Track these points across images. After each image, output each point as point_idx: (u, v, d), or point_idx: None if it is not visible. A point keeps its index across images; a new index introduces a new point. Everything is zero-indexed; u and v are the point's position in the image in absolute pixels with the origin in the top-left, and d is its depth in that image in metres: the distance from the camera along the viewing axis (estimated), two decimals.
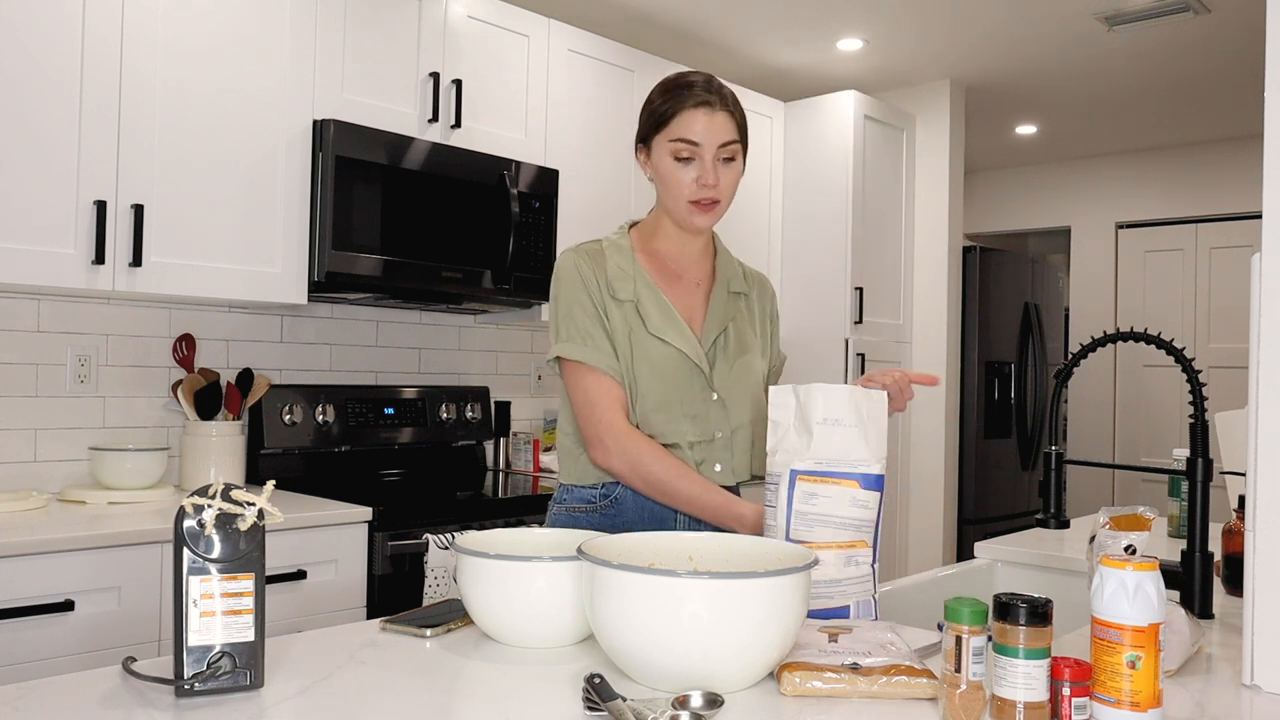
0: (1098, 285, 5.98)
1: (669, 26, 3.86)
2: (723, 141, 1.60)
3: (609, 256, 1.68)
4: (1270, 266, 1.15)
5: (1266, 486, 1.14)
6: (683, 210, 1.63)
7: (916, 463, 4.55)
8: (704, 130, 1.59)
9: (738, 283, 1.76)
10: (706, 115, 1.60)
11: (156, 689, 1.04)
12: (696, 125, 1.59)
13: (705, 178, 1.60)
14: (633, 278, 1.66)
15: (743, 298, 1.76)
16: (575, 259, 1.67)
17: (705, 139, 1.59)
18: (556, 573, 1.19)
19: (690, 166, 1.61)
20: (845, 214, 4.13)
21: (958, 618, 0.98)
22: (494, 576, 1.21)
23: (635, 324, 1.64)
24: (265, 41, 2.59)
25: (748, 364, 1.70)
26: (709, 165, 1.60)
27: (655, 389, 1.62)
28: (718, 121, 1.60)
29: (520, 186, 3.04)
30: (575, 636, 1.23)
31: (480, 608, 1.23)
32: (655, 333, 1.63)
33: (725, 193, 1.63)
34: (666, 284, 1.70)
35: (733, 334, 1.71)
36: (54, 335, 2.55)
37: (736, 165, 1.64)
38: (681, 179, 1.61)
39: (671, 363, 1.63)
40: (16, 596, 1.94)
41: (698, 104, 1.60)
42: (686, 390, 1.63)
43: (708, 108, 1.60)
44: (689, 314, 1.69)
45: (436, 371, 3.37)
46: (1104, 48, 4.11)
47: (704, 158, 1.60)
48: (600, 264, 1.66)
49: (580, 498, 1.68)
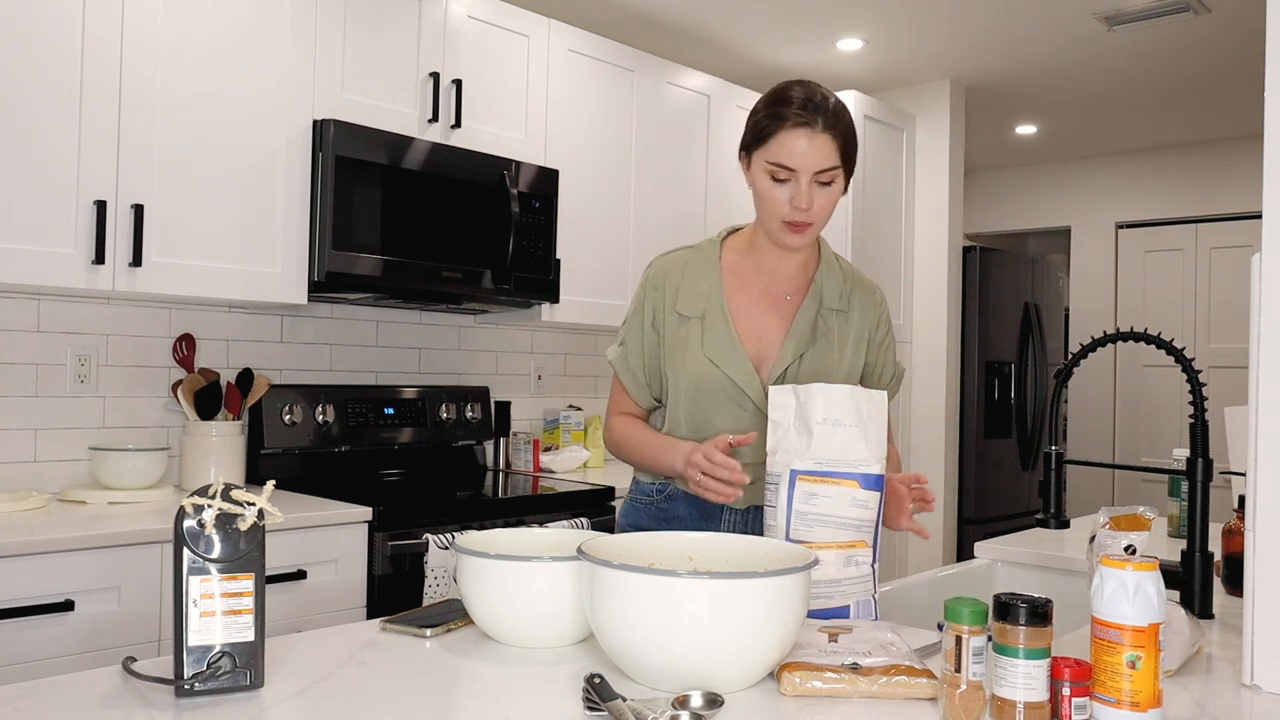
0: (1098, 285, 5.98)
1: (669, 26, 3.86)
2: (821, 168, 1.54)
3: (689, 269, 1.69)
4: (1270, 266, 1.15)
5: (1266, 486, 1.14)
6: (775, 228, 1.60)
7: (916, 463, 4.55)
8: (801, 155, 1.53)
9: (835, 299, 1.69)
10: (806, 138, 1.53)
11: (156, 689, 1.04)
12: (795, 149, 1.53)
13: (799, 200, 1.55)
14: (705, 295, 1.66)
15: (837, 315, 1.69)
16: (651, 274, 1.72)
17: (802, 165, 1.53)
18: (556, 573, 1.19)
19: (785, 187, 1.56)
20: (845, 214, 4.13)
21: (958, 618, 0.98)
22: (494, 576, 1.21)
23: (694, 342, 1.65)
24: (265, 41, 2.59)
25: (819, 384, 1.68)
26: (804, 189, 1.54)
27: (702, 407, 1.64)
28: (817, 145, 1.53)
29: (520, 186, 3.04)
30: (575, 636, 1.23)
31: (480, 608, 1.23)
32: (708, 354, 1.64)
33: (820, 215, 1.58)
34: (747, 300, 1.68)
35: (809, 359, 1.65)
36: (54, 335, 2.55)
37: (835, 188, 1.58)
38: (776, 198, 1.57)
39: (719, 385, 1.63)
40: (16, 596, 1.94)
41: (797, 124, 1.53)
42: (736, 411, 1.64)
43: (808, 130, 1.53)
44: (762, 333, 1.66)
45: (436, 371, 3.37)
46: (1104, 48, 4.11)
47: (800, 181, 1.55)
48: (674, 279, 1.68)
49: (642, 490, 1.76)
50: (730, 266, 1.70)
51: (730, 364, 1.63)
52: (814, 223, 1.58)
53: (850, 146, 1.58)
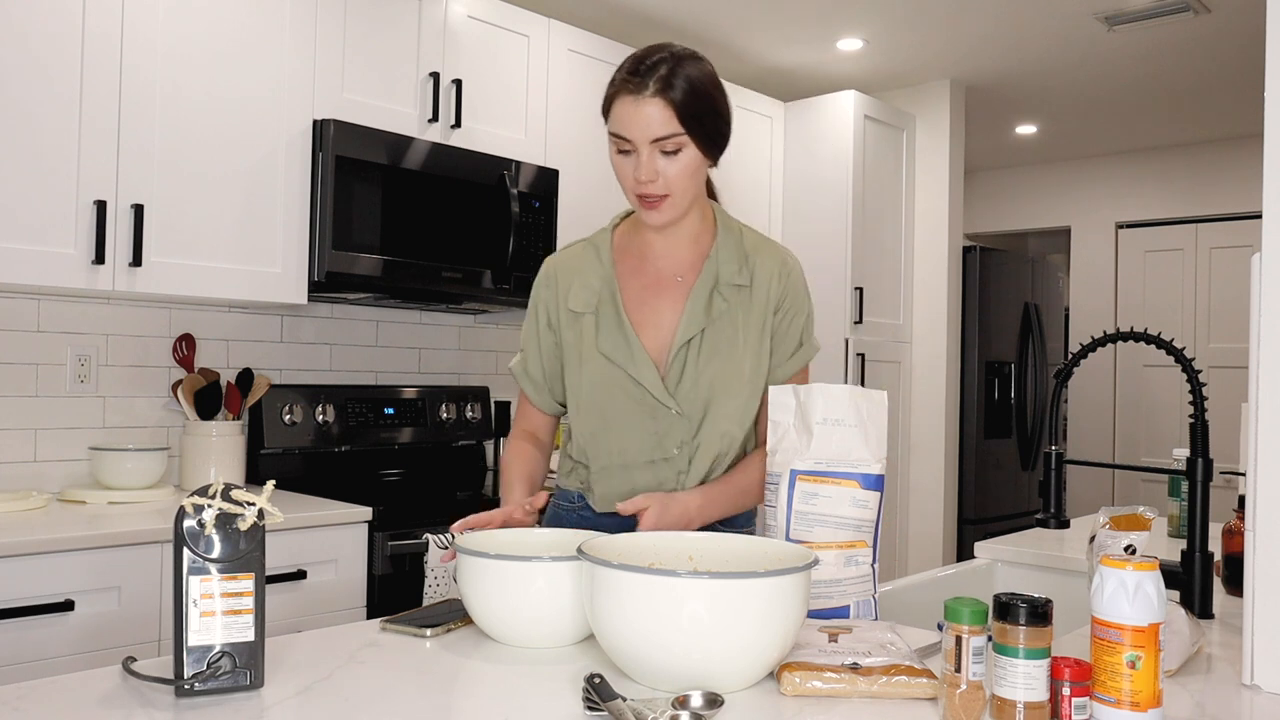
0: (1098, 285, 5.98)
1: (669, 26, 3.86)
2: (653, 137, 1.42)
3: (581, 263, 1.60)
4: (1270, 266, 1.15)
5: (1266, 486, 1.14)
6: (634, 205, 1.51)
7: (916, 463, 4.55)
8: (631, 123, 1.42)
9: (733, 273, 1.55)
10: (634, 105, 1.42)
11: (156, 689, 1.04)
12: (624, 116, 1.43)
13: (640, 171, 1.44)
14: (596, 289, 1.57)
15: (738, 290, 1.56)
16: (541, 275, 1.64)
17: (635, 133, 1.43)
18: (556, 573, 1.19)
19: (629, 159, 1.46)
20: (845, 214, 4.13)
21: (958, 618, 0.98)
22: (494, 576, 1.21)
23: (588, 339, 1.56)
24: (265, 41, 2.59)
25: (719, 370, 1.53)
26: (644, 160, 1.43)
27: (603, 408, 1.55)
28: (647, 112, 1.41)
29: (520, 186, 3.04)
30: (575, 636, 1.23)
31: (480, 607, 1.23)
32: (603, 351, 1.54)
33: (676, 186, 1.45)
34: (641, 285, 1.58)
35: (706, 341, 1.54)
36: (54, 335, 2.55)
37: (685, 157, 1.44)
38: (623, 173, 1.47)
39: (619, 383, 1.54)
40: (16, 596, 1.94)
41: (624, 91, 1.43)
42: (637, 408, 1.54)
43: (634, 96, 1.41)
44: (656, 320, 1.56)
45: (436, 371, 3.37)
46: (1104, 48, 4.11)
47: (639, 151, 1.44)
48: (565, 277, 1.60)
49: (565, 496, 1.69)
50: (622, 254, 1.60)
51: (628, 360, 1.53)
52: (670, 194, 1.46)
53: (695, 110, 1.43)
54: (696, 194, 1.52)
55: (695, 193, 1.51)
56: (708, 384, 1.53)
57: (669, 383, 1.54)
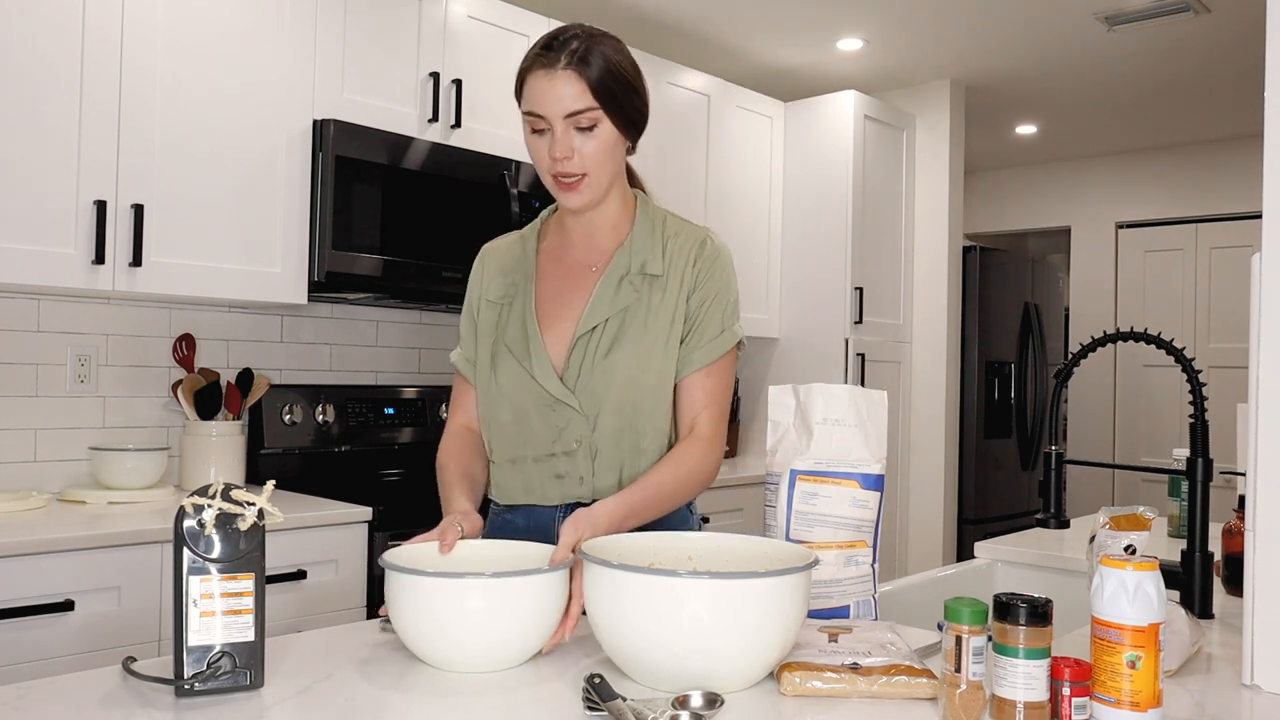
0: (1098, 285, 5.98)
1: (669, 26, 3.86)
2: (567, 111, 1.38)
3: (508, 252, 1.59)
4: (1270, 266, 1.15)
5: (1266, 486, 1.14)
6: (551, 188, 1.46)
7: (916, 463, 4.55)
8: (542, 98, 1.39)
9: (646, 262, 1.50)
10: (546, 80, 1.38)
11: (156, 689, 1.04)
12: (536, 92, 1.39)
13: (555, 149, 1.40)
14: (515, 278, 1.55)
15: (650, 280, 1.50)
16: (476, 263, 1.62)
17: (547, 108, 1.39)
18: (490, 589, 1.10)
19: (545, 138, 1.42)
20: (845, 214, 4.13)
21: (958, 618, 0.98)
22: (421, 595, 1.11)
23: (500, 330, 1.54)
24: (265, 41, 2.59)
25: (617, 362, 1.46)
26: (559, 136, 1.39)
27: (502, 399, 1.52)
28: (559, 85, 1.38)
29: (520, 186, 3.04)
30: (513, 660, 1.14)
31: (411, 631, 1.13)
32: (506, 342, 1.52)
33: (592, 165, 1.42)
34: (555, 277, 1.54)
35: (608, 333, 1.47)
36: (54, 335, 2.55)
37: (601, 134, 1.41)
38: (539, 155, 1.43)
39: (515, 375, 1.50)
40: (16, 596, 1.94)
41: (536, 67, 1.40)
42: (536, 402, 1.48)
43: (546, 71, 1.38)
44: (565, 313, 1.51)
45: (436, 371, 3.37)
46: (1104, 48, 4.11)
47: (554, 129, 1.40)
48: (492, 265, 1.59)
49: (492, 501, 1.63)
50: (547, 244, 1.58)
51: (525, 353, 1.49)
52: (587, 174, 1.42)
53: (611, 85, 1.40)
54: (615, 176, 1.48)
55: (613, 174, 1.47)
56: (608, 377, 1.46)
57: (567, 376, 1.48)
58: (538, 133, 1.43)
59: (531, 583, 1.12)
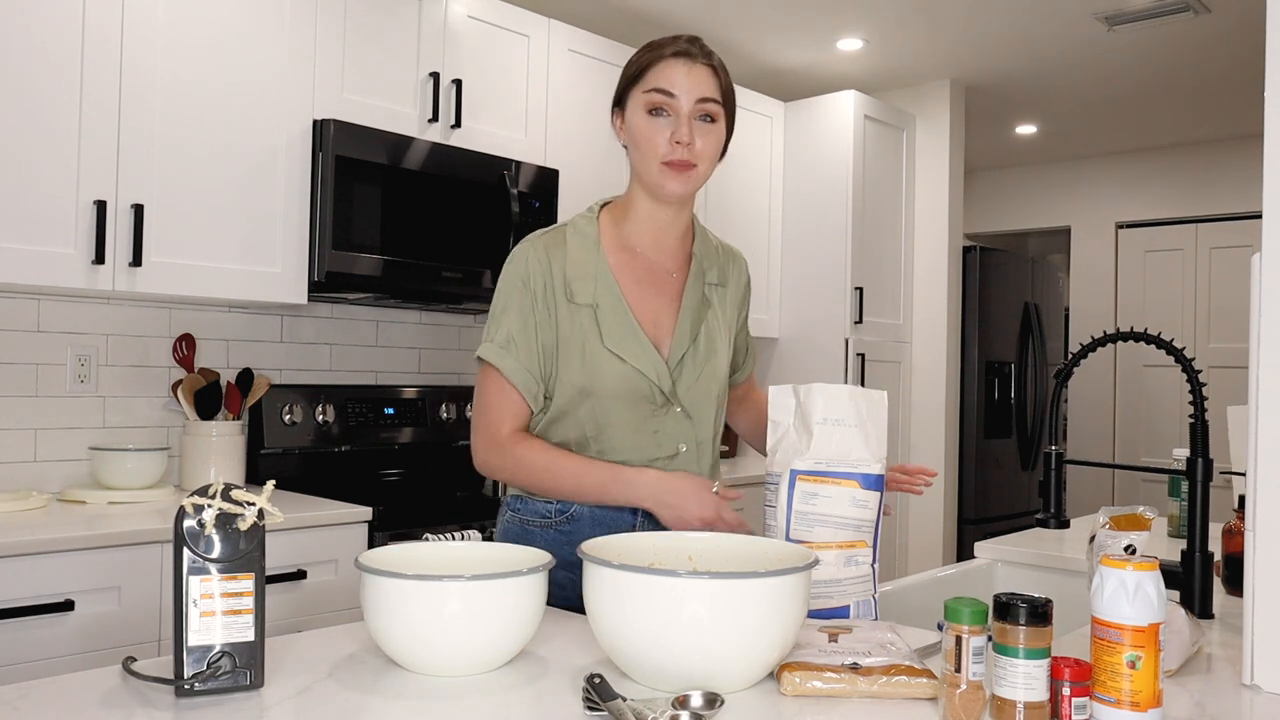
0: (1098, 285, 5.98)
1: (669, 26, 3.86)
2: (701, 96, 1.46)
3: (571, 249, 1.52)
4: (1270, 266, 1.15)
5: (1266, 486, 1.14)
6: (654, 173, 1.47)
7: (916, 462, 4.55)
8: (681, 80, 1.46)
9: (714, 273, 1.62)
10: (686, 66, 1.46)
11: (156, 689, 1.04)
12: (674, 75, 1.46)
13: (680, 133, 1.45)
14: (594, 276, 1.50)
15: (718, 289, 1.62)
16: (530, 252, 1.51)
17: (682, 89, 1.45)
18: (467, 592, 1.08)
19: (665, 121, 1.46)
20: (845, 214, 4.13)
21: (958, 618, 0.98)
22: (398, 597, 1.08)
23: (590, 333, 1.48)
24: (265, 41, 2.59)
25: (714, 369, 1.57)
26: (685, 120, 1.45)
27: (608, 406, 1.49)
28: (697, 74, 1.46)
29: (520, 186, 3.04)
30: (490, 664, 1.12)
31: (384, 634, 1.10)
32: (611, 347, 1.48)
33: (703, 157, 1.48)
34: (635, 280, 1.54)
35: (703, 338, 1.56)
36: (54, 335, 2.55)
37: (717, 130, 1.49)
38: (655, 136, 1.46)
39: (627, 380, 1.49)
40: (16, 596, 1.94)
41: (676, 54, 1.47)
42: (644, 406, 1.50)
43: (687, 59, 1.47)
44: (655, 317, 1.53)
45: (436, 371, 3.37)
46: (1104, 48, 4.11)
47: (680, 111, 1.45)
48: (559, 259, 1.50)
49: (536, 511, 1.55)
50: (611, 243, 1.55)
51: (638, 357, 1.49)
52: (698, 165, 1.47)
53: (730, 91, 1.52)
54: (708, 179, 1.55)
55: (709, 176, 1.54)
56: (710, 380, 1.57)
57: (679, 381, 1.54)
58: (655, 114, 1.47)
59: (510, 585, 1.10)
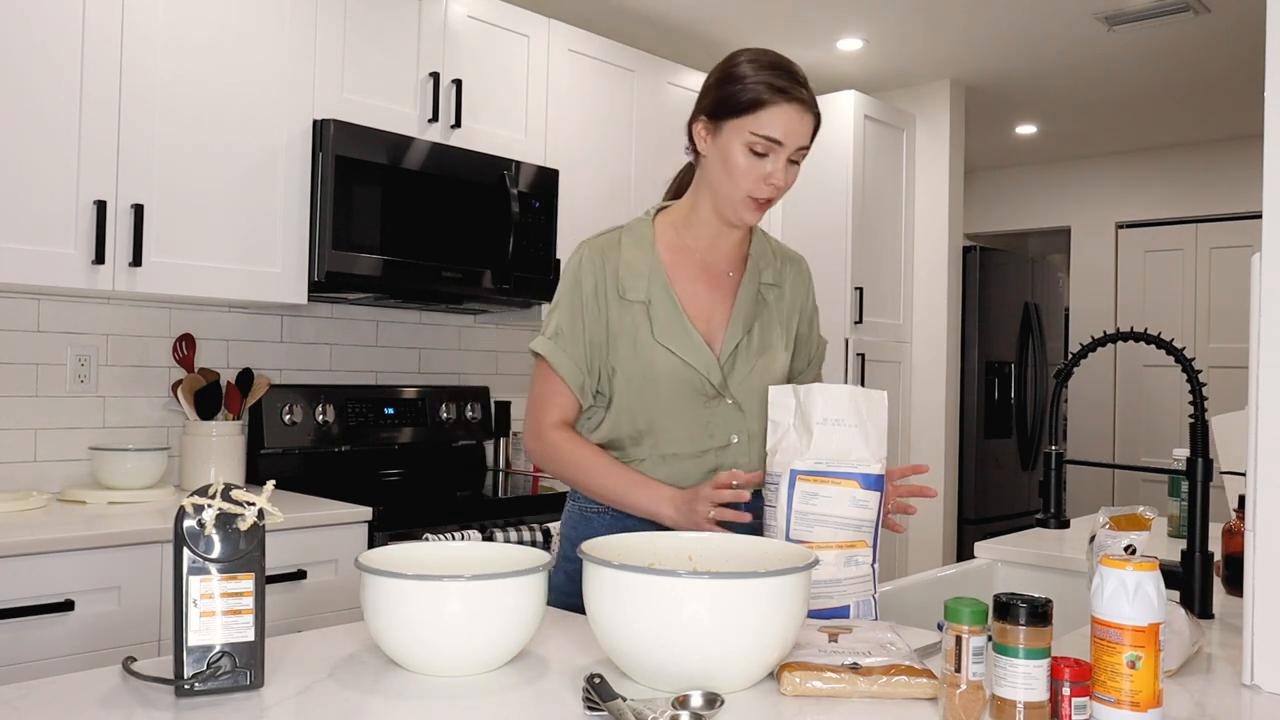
0: (1098, 285, 5.98)
1: (669, 26, 3.86)
2: (803, 144, 1.52)
3: (625, 250, 1.59)
4: (1270, 266, 1.15)
5: (1266, 486, 1.14)
6: (736, 202, 1.54)
7: (917, 462, 4.55)
8: (793, 130, 1.49)
9: (770, 273, 1.67)
10: (799, 114, 1.49)
11: (156, 689, 1.04)
12: (789, 124, 1.49)
13: (775, 177, 1.51)
14: (647, 276, 1.57)
15: (773, 289, 1.67)
16: (584, 252, 1.60)
17: (792, 141, 1.50)
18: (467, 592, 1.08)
19: (765, 161, 1.51)
20: (845, 214, 4.13)
21: (958, 618, 0.98)
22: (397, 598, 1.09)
23: (642, 327, 1.55)
24: (265, 41, 2.59)
25: (769, 363, 1.62)
26: (782, 165, 1.51)
27: (657, 397, 1.55)
28: (808, 123, 1.51)
29: (520, 186, 3.04)
30: (490, 664, 1.12)
31: (385, 634, 1.11)
32: (661, 340, 1.55)
33: (784, 193, 1.57)
34: (689, 279, 1.61)
35: (757, 334, 1.62)
36: (54, 335, 2.55)
37: (799, 166, 1.56)
38: (753, 173, 1.51)
39: (677, 373, 1.55)
40: (16, 596, 1.94)
41: (794, 99, 1.49)
42: (693, 399, 1.56)
43: (801, 106, 1.50)
44: (708, 313, 1.60)
45: (436, 371, 3.37)
46: (1104, 48, 4.11)
47: (781, 156, 1.51)
48: (612, 259, 1.58)
49: (591, 500, 1.62)
50: (667, 245, 1.62)
51: (687, 350, 1.55)
52: (776, 199, 1.56)
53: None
54: None
55: None
56: (763, 374, 1.61)
57: (731, 375, 1.59)
58: (759, 155, 1.51)
59: (510, 585, 1.10)
